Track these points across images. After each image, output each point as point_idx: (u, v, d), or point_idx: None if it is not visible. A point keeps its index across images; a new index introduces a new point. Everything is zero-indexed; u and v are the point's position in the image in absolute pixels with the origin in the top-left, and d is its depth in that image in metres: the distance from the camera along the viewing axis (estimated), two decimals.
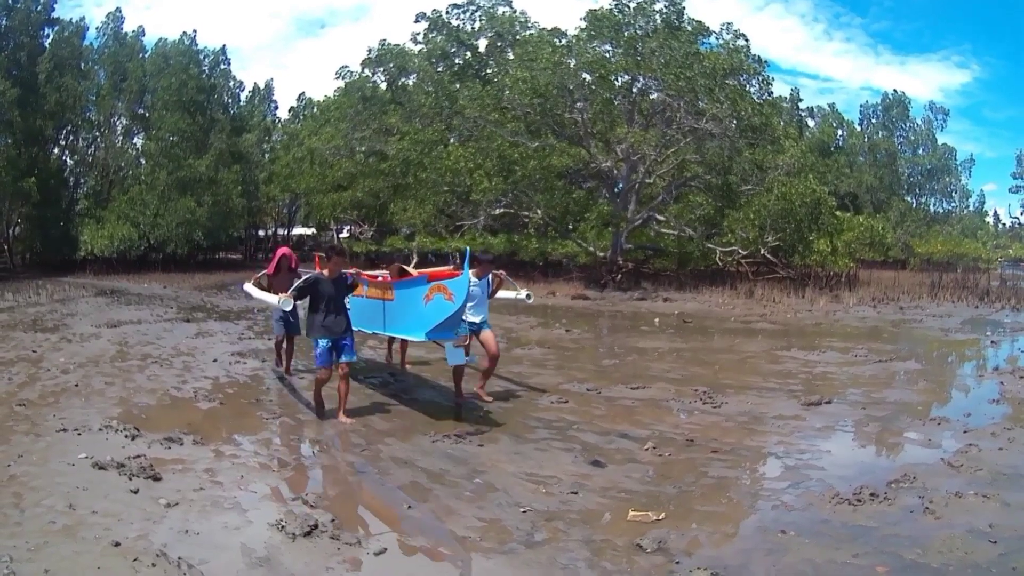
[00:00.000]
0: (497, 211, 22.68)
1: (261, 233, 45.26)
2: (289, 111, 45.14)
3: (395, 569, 3.65)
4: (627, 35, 22.25)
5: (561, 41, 23.65)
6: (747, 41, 23.37)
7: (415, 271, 7.42)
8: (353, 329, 6.73)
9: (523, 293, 8.11)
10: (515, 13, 30.57)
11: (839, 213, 23.71)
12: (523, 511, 4.36)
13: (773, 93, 26.38)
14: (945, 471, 5.06)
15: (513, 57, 26.74)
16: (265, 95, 43.94)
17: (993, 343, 12.39)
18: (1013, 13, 74.08)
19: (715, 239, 22.06)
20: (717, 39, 23.49)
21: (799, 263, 23.34)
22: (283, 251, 8.69)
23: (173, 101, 30.25)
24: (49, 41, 29.05)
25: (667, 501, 4.59)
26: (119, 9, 40.72)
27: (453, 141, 25.31)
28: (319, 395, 6.64)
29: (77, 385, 7.51)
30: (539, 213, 22.42)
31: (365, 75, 33.52)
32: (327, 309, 6.42)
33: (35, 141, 27.68)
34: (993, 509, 4.29)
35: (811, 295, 19.26)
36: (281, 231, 46.10)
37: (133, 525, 3.89)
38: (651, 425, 6.45)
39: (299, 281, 6.67)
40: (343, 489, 4.97)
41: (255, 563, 3.58)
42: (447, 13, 30.98)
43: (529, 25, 29.60)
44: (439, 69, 30.85)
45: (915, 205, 45.21)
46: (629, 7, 22.51)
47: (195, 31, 45.90)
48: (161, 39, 33.79)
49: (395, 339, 8.63)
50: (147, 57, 32.79)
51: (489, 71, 29.74)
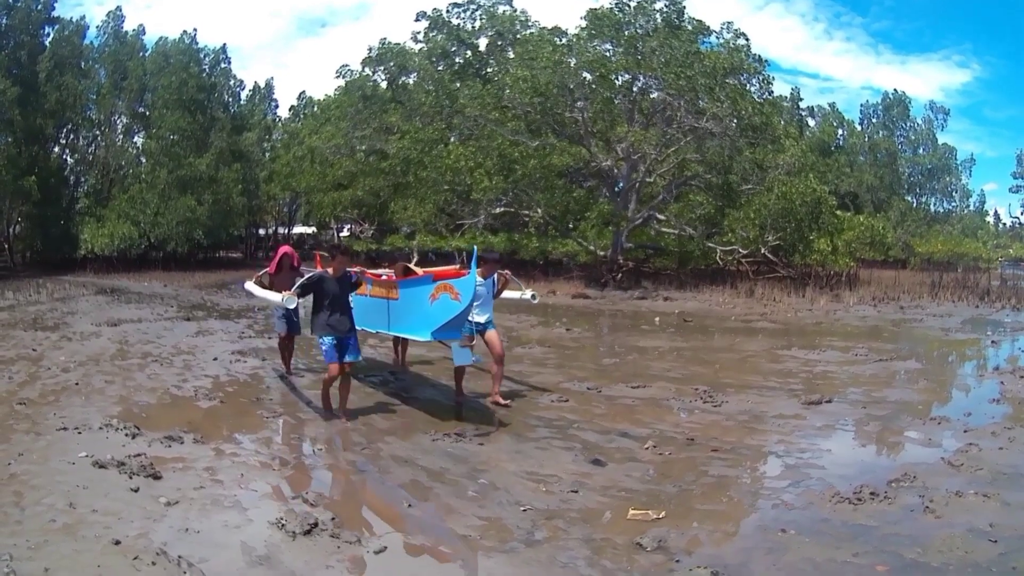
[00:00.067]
0: (497, 210, 22.66)
1: (261, 232, 45.24)
2: (289, 110, 45.15)
3: (395, 567, 3.65)
4: (627, 34, 22.23)
5: (561, 40, 23.64)
6: (747, 40, 23.41)
7: (420, 270, 7.34)
8: (357, 328, 6.67)
9: (528, 293, 8.07)
10: (515, 12, 30.65)
11: (839, 212, 23.68)
12: (523, 510, 4.36)
13: (773, 92, 26.43)
14: (945, 470, 5.06)
15: (513, 56, 26.75)
16: (265, 94, 43.90)
17: (993, 343, 12.39)
18: (1013, 13, 74.01)
19: (715, 238, 22.05)
20: (717, 38, 23.53)
21: (799, 262, 23.33)
22: (285, 250, 8.61)
23: (174, 100, 30.23)
24: (49, 40, 29.01)
25: (667, 500, 4.59)
26: (119, 8, 40.46)
27: (453, 140, 25.31)
28: (328, 393, 6.53)
29: (77, 384, 7.51)
30: (539, 212, 22.41)
31: (365, 74, 33.52)
32: (331, 307, 6.35)
33: (35, 140, 27.66)
34: (993, 508, 4.29)
35: (811, 294, 19.25)
36: (282, 230, 46.08)
37: (133, 523, 3.89)
38: (651, 424, 6.45)
39: (303, 279, 6.59)
40: (343, 487, 4.98)
41: (255, 561, 3.58)
42: (447, 12, 31.04)
43: (529, 24, 29.66)
44: (439, 68, 30.86)
45: (915, 205, 45.15)
46: (629, 6, 22.49)
47: (195, 30, 45.69)
48: (162, 38, 33.77)
49: (399, 339, 8.60)
50: (147, 56, 32.73)
51: (489, 70, 29.75)
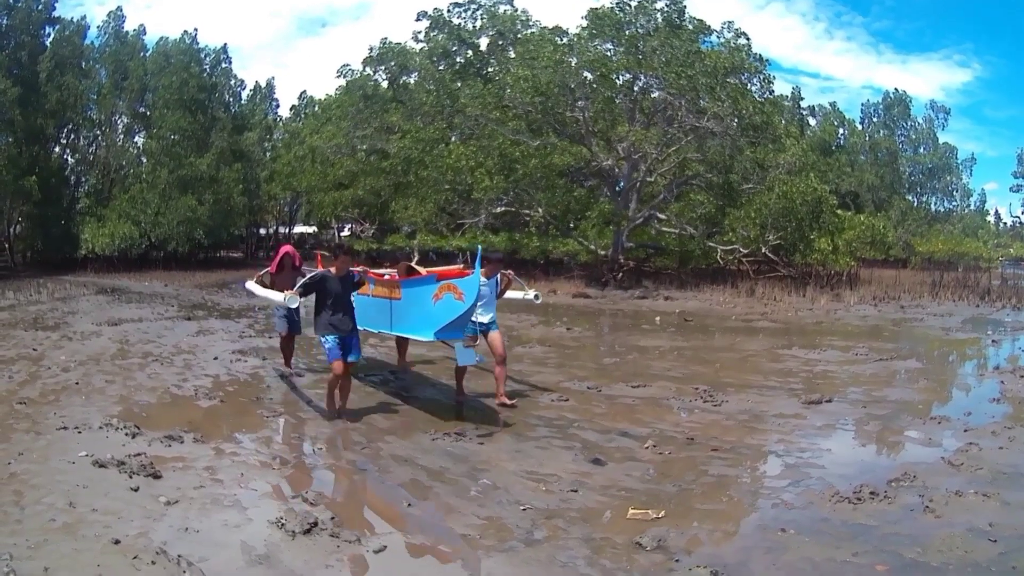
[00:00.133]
0: (498, 209, 22.67)
1: (262, 231, 45.28)
2: (290, 109, 45.19)
3: (395, 567, 3.65)
4: (628, 34, 22.22)
5: (562, 40, 23.64)
6: (748, 40, 23.38)
7: (424, 270, 7.29)
8: (359, 328, 6.64)
9: (531, 293, 8.05)
10: (516, 12, 30.67)
11: (840, 212, 23.69)
12: (523, 509, 4.36)
13: (774, 92, 26.39)
14: (945, 470, 5.05)
15: (514, 55, 26.76)
16: (266, 94, 43.95)
17: (994, 342, 12.38)
18: (1014, 12, 74.08)
19: (716, 237, 22.04)
20: (718, 38, 23.50)
21: (800, 262, 23.33)
22: (286, 249, 8.59)
23: (174, 100, 30.26)
24: (50, 40, 29.06)
25: (667, 499, 4.59)
26: (120, 8, 40.52)
27: (454, 139, 25.32)
28: (333, 392, 6.42)
29: (78, 383, 7.51)
30: (540, 211, 22.40)
31: (366, 73, 33.55)
32: (334, 307, 6.31)
33: (36, 140, 27.70)
34: (993, 508, 4.28)
35: (812, 294, 19.24)
36: (282, 229, 46.13)
37: (133, 523, 3.89)
38: (651, 423, 6.45)
39: (306, 278, 6.56)
40: (343, 487, 4.98)
41: (255, 561, 3.58)
42: (448, 11, 31.06)
43: (530, 23, 29.67)
44: (440, 67, 30.87)
45: (916, 204, 45.14)
46: (630, 6, 22.47)
47: (196, 30, 45.53)
48: (162, 38, 33.87)
49: (401, 338, 8.55)
50: (148, 56, 32.78)
51: (490, 69, 29.76)
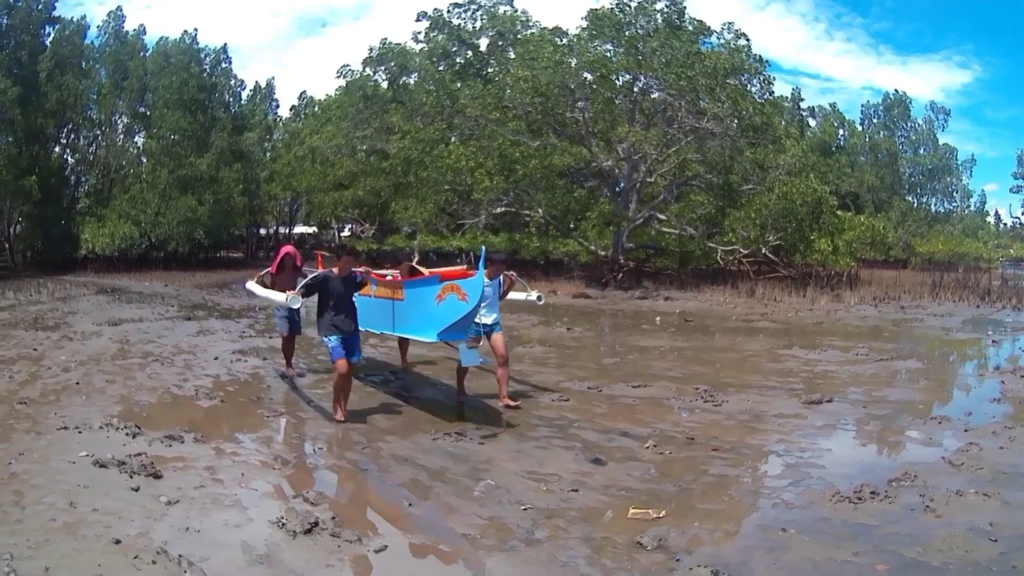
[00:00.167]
0: (498, 210, 22.67)
1: (262, 231, 45.32)
2: (290, 110, 45.25)
3: (395, 566, 3.65)
4: (628, 34, 22.23)
5: (562, 40, 23.64)
6: (748, 41, 23.41)
7: (427, 270, 7.26)
8: (360, 330, 6.61)
9: (533, 295, 8.03)
10: (516, 12, 30.68)
11: (840, 212, 23.72)
12: (524, 509, 4.36)
13: (774, 93, 26.38)
14: (946, 470, 5.05)
15: (514, 56, 26.77)
16: (266, 94, 43.98)
17: (994, 342, 12.38)
18: (1014, 13, 74.08)
19: (716, 238, 22.05)
20: (718, 38, 23.53)
21: (800, 262, 23.34)
22: (287, 250, 8.53)
23: (174, 100, 30.28)
24: (50, 40, 29.06)
25: (668, 499, 4.59)
26: (120, 8, 40.55)
27: (454, 140, 25.30)
28: (340, 394, 6.26)
29: (78, 383, 7.51)
30: (540, 212, 22.41)
31: (366, 74, 33.57)
32: (336, 308, 6.28)
33: (36, 139, 27.70)
34: (994, 508, 4.28)
35: (812, 294, 19.25)
36: (282, 229, 46.17)
37: (134, 523, 3.89)
38: (652, 423, 6.45)
39: (308, 279, 6.53)
40: (344, 487, 4.98)
41: (255, 560, 3.58)
42: (448, 12, 31.07)
43: (530, 24, 29.68)
44: (440, 68, 30.87)
45: (916, 205, 45.17)
46: (630, 6, 22.49)
47: (196, 30, 45.60)
48: (162, 38, 33.90)
49: (402, 339, 8.51)
50: (148, 56, 32.81)
51: (490, 70, 29.76)
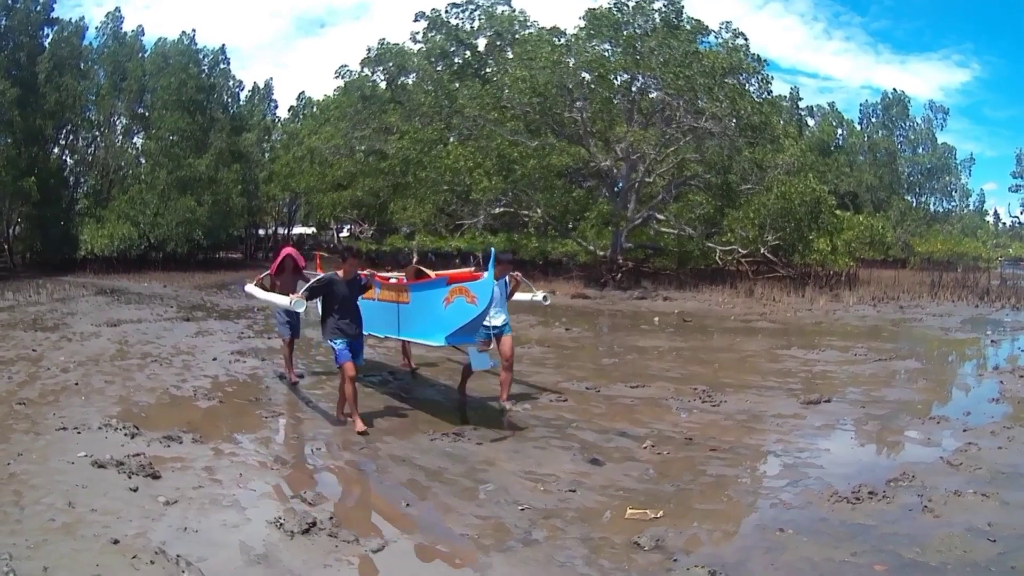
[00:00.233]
0: (497, 210, 22.67)
1: (261, 232, 45.35)
2: (289, 110, 45.35)
3: (393, 566, 3.65)
4: (626, 34, 22.25)
5: (560, 40, 23.64)
6: (746, 40, 23.40)
7: (433, 273, 7.13)
8: (363, 333, 6.53)
9: (539, 295, 7.94)
10: (514, 12, 30.68)
11: (839, 212, 23.71)
12: (521, 509, 4.36)
13: (772, 92, 26.42)
14: (944, 470, 5.05)
15: (512, 56, 26.76)
16: (265, 94, 44.00)
17: (993, 342, 12.38)
18: (1013, 12, 74.19)
19: (715, 238, 22.06)
20: (716, 38, 23.52)
21: (799, 262, 23.35)
22: (288, 251, 8.37)
23: (173, 100, 30.27)
24: (49, 41, 29.02)
25: (665, 499, 4.59)
26: (118, 9, 40.96)
27: (453, 140, 25.32)
28: (352, 394, 6.07)
29: (77, 384, 7.51)
30: (539, 212, 22.42)
31: (365, 74, 33.59)
32: (341, 311, 6.19)
33: (35, 141, 27.66)
34: (992, 508, 4.28)
35: (811, 294, 19.26)
36: (281, 230, 46.18)
37: (132, 523, 3.89)
38: (650, 423, 6.45)
39: (312, 281, 6.44)
40: (342, 487, 4.99)
41: (253, 560, 3.58)
42: (446, 12, 31.09)
43: (528, 24, 29.69)
44: (438, 68, 30.89)
45: (915, 204, 45.18)
46: (628, 6, 22.50)
47: (194, 30, 45.91)
48: (160, 39, 33.87)
49: (405, 342, 8.43)
50: (146, 56, 32.80)
51: (488, 70, 29.78)
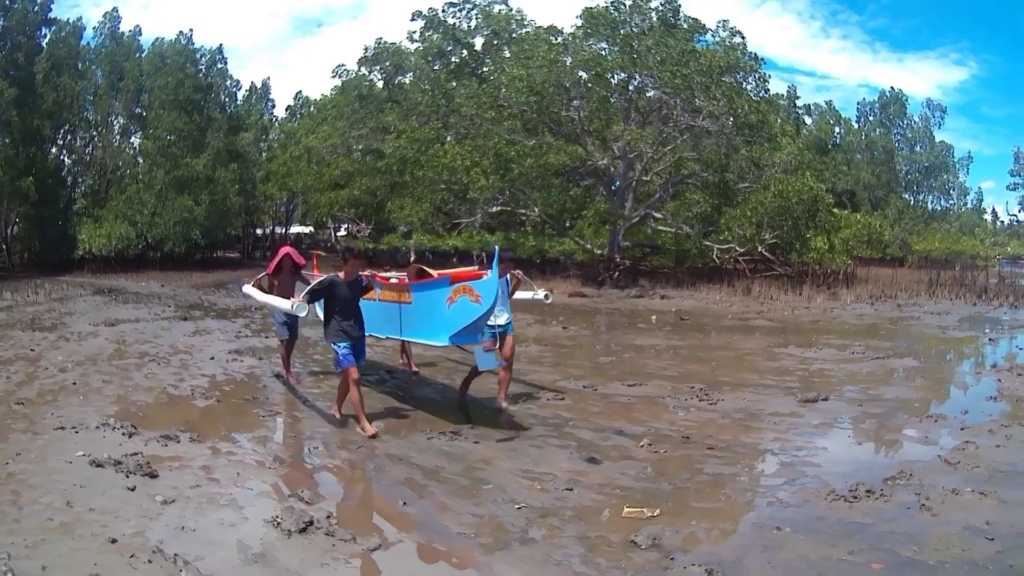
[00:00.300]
0: (494, 209, 22.69)
1: (259, 231, 45.32)
2: (286, 110, 45.34)
3: (391, 565, 3.66)
4: (623, 33, 22.26)
5: (557, 39, 23.66)
6: (743, 38, 23.49)
7: (436, 272, 7.07)
8: (365, 334, 6.49)
9: (541, 293, 7.88)
10: (511, 11, 30.68)
11: (836, 210, 23.75)
12: (518, 507, 4.36)
13: (770, 90, 26.51)
14: (942, 468, 5.06)
15: (509, 55, 26.76)
16: (262, 94, 43.95)
17: (991, 340, 12.40)
18: (1011, 10, 74.21)
19: (712, 236, 22.08)
20: (713, 36, 23.58)
21: (797, 260, 23.39)
22: (287, 250, 8.29)
23: (170, 100, 30.24)
24: (46, 41, 28.96)
25: (663, 498, 4.59)
26: (116, 9, 40.70)
27: (450, 139, 25.34)
28: (358, 398, 6.03)
29: (75, 383, 7.50)
30: (536, 211, 22.42)
31: (362, 74, 33.55)
32: (344, 313, 6.15)
33: (33, 141, 27.61)
34: (990, 506, 4.29)
35: (809, 292, 19.28)
36: (279, 229, 46.15)
37: (130, 522, 3.89)
38: (647, 422, 6.45)
39: (313, 283, 6.42)
40: (339, 486, 4.99)
41: (251, 559, 3.58)
42: (443, 11, 31.10)
43: (525, 23, 29.69)
44: (435, 67, 30.88)
45: (913, 202, 45.21)
46: (625, 5, 22.53)
47: (192, 30, 45.85)
48: (158, 38, 33.92)
49: (405, 343, 8.37)
50: (144, 56, 32.74)
51: (485, 69, 29.77)
